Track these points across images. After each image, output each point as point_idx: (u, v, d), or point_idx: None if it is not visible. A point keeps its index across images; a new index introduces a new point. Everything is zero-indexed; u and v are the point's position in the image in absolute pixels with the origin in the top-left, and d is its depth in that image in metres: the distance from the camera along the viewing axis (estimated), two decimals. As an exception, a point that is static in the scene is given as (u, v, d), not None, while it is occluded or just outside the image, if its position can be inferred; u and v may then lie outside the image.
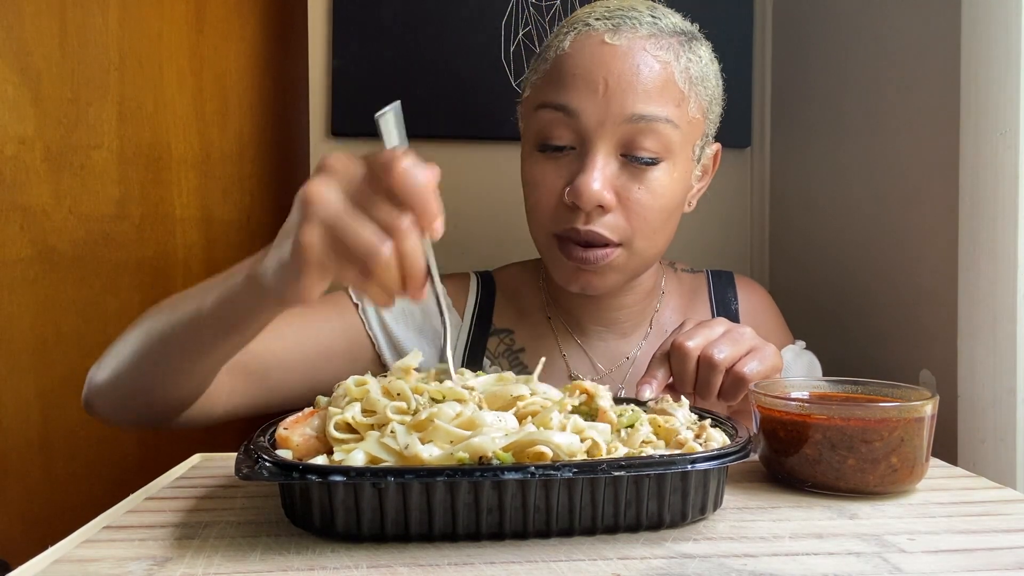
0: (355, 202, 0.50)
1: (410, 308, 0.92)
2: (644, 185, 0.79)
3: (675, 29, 0.81)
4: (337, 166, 0.52)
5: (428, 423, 0.51)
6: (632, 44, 0.78)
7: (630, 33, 0.78)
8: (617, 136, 0.78)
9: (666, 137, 0.78)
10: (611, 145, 0.78)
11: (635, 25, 0.79)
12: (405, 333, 0.91)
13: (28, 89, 1.15)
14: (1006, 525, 0.54)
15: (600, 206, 0.78)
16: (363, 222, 0.50)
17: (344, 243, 0.50)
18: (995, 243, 0.78)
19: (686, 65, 0.80)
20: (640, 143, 0.78)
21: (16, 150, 1.15)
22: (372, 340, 0.90)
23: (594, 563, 0.47)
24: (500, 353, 0.92)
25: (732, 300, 0.97)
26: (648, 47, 0.78)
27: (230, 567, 0.46)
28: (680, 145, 0.80)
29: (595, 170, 0.77)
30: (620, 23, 0.79)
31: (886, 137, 1.00)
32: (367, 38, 1.23)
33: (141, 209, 1.25)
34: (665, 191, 0.80)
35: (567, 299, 0.92)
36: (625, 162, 0.79)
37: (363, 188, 0.51)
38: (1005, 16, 0.77)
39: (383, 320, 0.90)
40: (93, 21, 1.21)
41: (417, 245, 0.51)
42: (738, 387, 0.71)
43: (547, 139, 0.80)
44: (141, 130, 1.25)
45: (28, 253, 1.16)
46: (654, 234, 0.81)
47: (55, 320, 1.18)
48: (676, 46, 0.80)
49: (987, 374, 0.80)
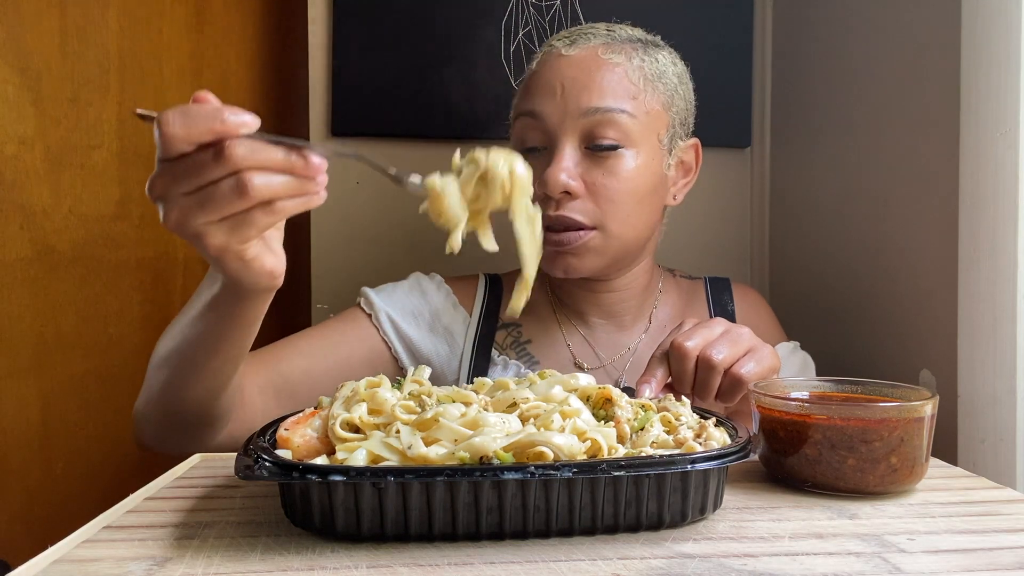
0: (184, 182, 0.50)
1: (420, 309, 0.96)
2: (607, 171, 0.86)
3: (630, 37, 0.91)
4: (153, 178, 0.51)
5: (433, 422, 0.52)
6: (585, 53, 0.88)
7: (584, 44, 0.89)
8: (578, 130, 0.86)
9: (624, 126, 0.86)
10: (574, 139, 0.86)
11: (590, 38, 0.89)
12: (418, 334, 0.95)
13: (28, 89, 1.15)
14: (1006, 525, 0.54)
15: (567, 192, 0.85)
16: (203, 189, 0.50)
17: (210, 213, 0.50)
18: (995, 243, 0.78)
19: (639, 64, 0.88)
20: (600, 132, 0.85)
21: (16, 150, 1.15)
22: (388, 344, 0.95)
23: (594, 563, 0.47)
24: (508, 345, 0.97)
25: (728, 302, 1.02)
26: (600, 52, 0.87)
27: (230, 567, 0.46)
28: (641, 134, 0.87)
29: (560, 161, 0.85)
30: (577, 39, 0.90)
31: (886, 137, 1.00)
32: (367, 38, 1.23)
33: (141, 209, 1.25)
34: (630, 175, 0.86)
35: (570, 294, 0.97)
36: (588, 152, 0.87)
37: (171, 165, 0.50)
38: (1005, 16, 0.77)
39: (396, 323, 0.94)
40: (93, 21, 1.20)
41: (250, 154, 0.49)
42: (736, 388, 0.72)
43: (523, 143, 0.90)
44: (141, 130, 1.25)
45: (28, 253, 1.16)
46: (627, 217, 0.88)
47: (55, 320, 1.18)
48: (629, 50, 0.88)
49: (987, 374, 0.80)
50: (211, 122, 0.48)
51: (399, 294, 0.97)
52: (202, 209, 0.50)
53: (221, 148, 0.49)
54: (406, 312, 0.95)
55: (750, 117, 1.33)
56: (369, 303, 0.95)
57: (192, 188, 0.50)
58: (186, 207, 0.51)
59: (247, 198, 0.50)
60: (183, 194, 0.51)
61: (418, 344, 0.95)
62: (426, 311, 0.97)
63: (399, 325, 0.94)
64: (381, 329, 0.94)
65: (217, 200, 0.50)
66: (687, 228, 1.29)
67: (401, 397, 0.57)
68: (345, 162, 1.36)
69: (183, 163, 0.50)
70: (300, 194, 0.52)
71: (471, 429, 0.51)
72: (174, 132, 0.48)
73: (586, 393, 0.59)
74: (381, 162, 0.57)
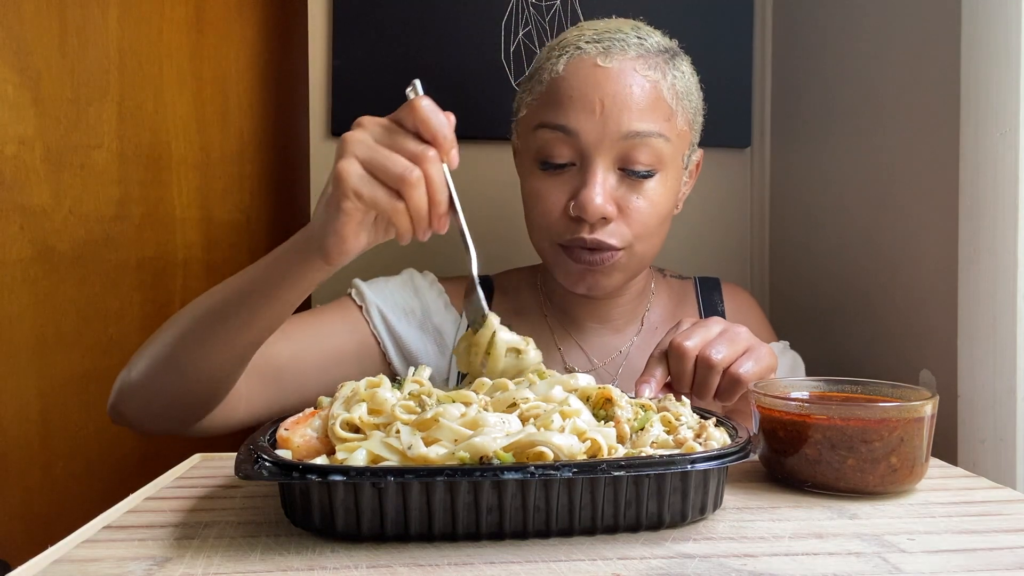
0: (385, 141, 0.61)
1: (411, 305, 0.95)
2: (642, 195, 0.84)
3: (660, 48, 0.87)
4: (366, 120, 0.63)
5: (433, 422, 0.52)
6: (623, 65, 0.83)
7: (620, 55, 0.84)
8: (614, 152, 0.83)
9: (659, 150, 0.84)
10: (609, 160, 0.83)
11: (624, 47, 0.84)
12: (408, 331, 0.94)
13: (28, 89, 1.15)
14: (1006, 525, 0.54)
15: (603, 217, 0.83)
16: (393, 153, 0.60)
17: (378, 170, 0.60)
18: (995, 243, 0.78)
19: (672, 81, 0.85)
20: (636, 157, 0.83)
21: (16, 150, 1.15)
22: (377, 339, 0.93)
23: (594, 563, 0.47)
24: None
25: (718, 303, 1.02)
26: (638, 67, 0.84)
27: (230, 567, 0.46)
28: (671, 156, 0.86)
29: (597, 185, 0.82)
30: (610, 46, 0.84)
31: (886, 137, 1.00)
32: (367, 38, 1.23)
33: (141, 209, 1.25)
34: (660, 199, 0.86)
35: (563, 299, 0.97)
36: (623, 175, 0.84)
37: (391, 127, 0.62)
38: (1005, 16, 0.77)
39: (386, 318, 0.93)
40: (93, 21, 1.20)
41: (441, 171, 0.62)
42: (734, 388, 0.72)
43: (548, 157, 0.85)
44: (141, 130, 1.25)
45: (28, 253, 1.16)
46: (651, 237, 0.87)
47: (55, 320, 1.18)
48: (662, 64, 0.85)
49: (987, 374, 0.80)
50: (443, 130, 0.62)
51: (390, 289, 0.95)
52: (384, 164, 0.60)
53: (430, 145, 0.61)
54: (397, 308, 0.94)
55: (750, 117, 1.33)
56: (360, 295, 0.93)
57: (393, 149, 0.61)
58: (373, 159, 0.60)
59: (412, 187, 0.60)
60: (382, 145, 0.61)
61: (407, 341, 0.93)
62: (418, 308, 0.95)
63: (389, 320, 0.93)
64: (371, 323, 0.92)
65: (384, 166, 0.60)
66: (686, 228, 1.29)
67: (401, 397, 0.57)
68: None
69: (399, 133, 0.62)
70: (419, 223, 0.62)
71: (471, 429, 0.51)
72: (426, 114, 0.61)
73: (586, 393, 0.59)
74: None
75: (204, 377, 0.73)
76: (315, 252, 0.63)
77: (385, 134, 0.62)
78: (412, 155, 0.60)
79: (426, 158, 0.60)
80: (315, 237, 0.63)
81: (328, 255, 0.63)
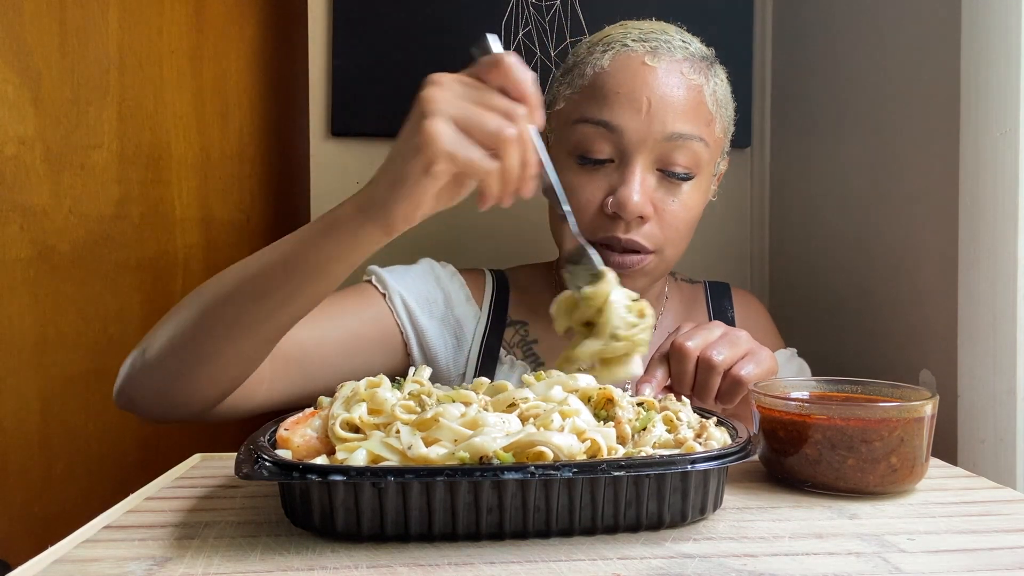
0: (473, 98, 0.58)
1: (433, 296, 0.93)
2: (678, 199, 0.85)
3: (703, 54, 0.87)
4: (443, 78, 0.59)
5: (433, 422, 0.51)
6: (670, 67, 0.83)
7: (667, 56, 0.84)
8: (656, 152, 0.83)
9: (698, 154, 0.84)
10: (649, 160, 0.83)
11: (670, 48, 0.84)
12: (429, 323, 0.91)
13: (28, 89, 1.15)
14: (1006, 525, 0.54)
15: (640, 217, 0.83)
16: (487, 111, 0.57)
17: (473, 128, 0.56)
18: (995, 243, 0.78)
19: (714, 88, 0.86)
20: (675, 159, 0.83)
21: (16, 150, 1.15)
22: (400, 329, 0.90)
23: (594, 563, 0.47)
24: (515, 343, 0.94)
25: (728, 308, 1.01)
26: (684, 70, 0.84)
27: (230, 567, 0.46)
28: (707, 162, 0.86)
29: (637, 183, 0.82)
30: (657, 46, 0.84)
31: (886, 137, 1.00)
32: (367, 38, 1.23)
33: (141, 209, 1.25)
34: (693, 203, 0.86)
35: None
36: (662, 176, 0.84)
37: (476, 85, 0.59)
38: (1005, 16, 0.77)
39: (409, 307, 0.90)
40: (93, 21, 1.20)
41: (532, 130, 0.59)
42: (735, 390, 0.73)
43: (587, 152, 0.84)
44: (141, 130, 1.25)
45: (28, 253, 1.16)
46: (681, 242, 0.88)
47: (55, 320, 1.18)
48: (705, 69, 0.86)
49: (987, 374, 0.80)
50: (532, 87, 0.59)
51: (412, 277, 0.93)
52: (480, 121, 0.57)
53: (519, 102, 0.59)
54: (420, 298, 0.91)
55: (750, 117, 1.33)
56: (382, 282, 0.91)
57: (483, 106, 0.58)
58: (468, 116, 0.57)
59: (511, 145, 0.57)
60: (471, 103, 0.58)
61: (428, 332, 0.91)
62: (439, 299, 0.93)
63: (412, 309, 0.90)
64: (395, 312, 0.90)
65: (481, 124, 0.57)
66: (687, 228, 1.29)
67: (401, 397, 0.57)
68: (345, 161, 1.36)
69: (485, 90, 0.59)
70: (510, 185, 0.59)
71: (471, 429, 0.51)
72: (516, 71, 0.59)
73: (587, 394, 0.59)
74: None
75: (231, 359, 0.69)
76: (376, 220, 0.60)
77: (471, 92, 0.58)
78: (504, 113, 0.57)
79: (519, 116, 0.58)
80: (378, 203, 0.59)
81: (392, 223, 0.60)
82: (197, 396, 0.72)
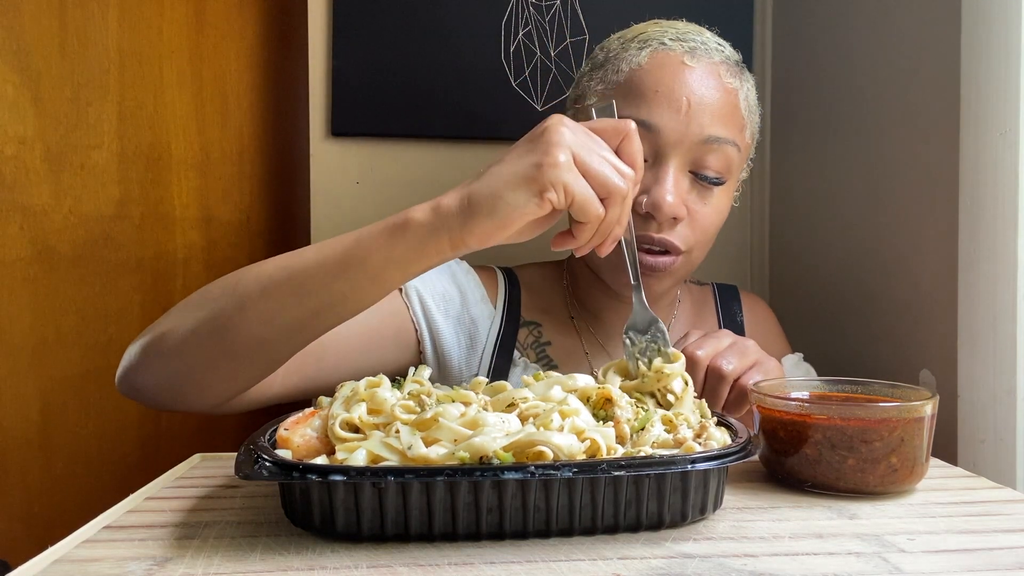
0: (596, 149, 0.61)
1: (450, 293, 0.90)
2: (709, 202, 0.84)
3: (736, 58, 0.87)
4: (570, 122, 0.61)
5: (433, 422, 0.51)
6: (708, 68, 0.83)
7: (705, 58, 0.83)
8: (691, 154, 0.82)
9: (730, 159, 0.83)
10: (683, 161, 0.82)
11: (707, 50, 0.84)
12: (444, 321, 0.89)
13: (28, 89, 1.15)
14: (1006, 525, 0.54)
15: (674, 217, 0.82)
16: (603, 160, 0.60)
17: (593, 174, 0.59)
18: (995, 243, 0.78)
19: (747, 93, 0.86)
20: (709, 163, 0.82)
21: (16, 150, 1.15)
22: (416, 325, 0.89)
23: (594, 563, 0.47)
24: (528, 344, 0.93)
25: (737, 312, 1.01)
26: (721, 72, 0.83)
27: (230, 567, 0.46)
28: (737, 167, 0.86)
29: (670, 183, 0.81)
30: (695, 47, 0.83)
31: (886, 137, 1.00)
32: (367, 38, 1.23)
33: (141, 209, 1.25)
34: (722, 207, 0.86)
35: (593, 301, 0.94)
36: (694, 179, 0.83)
37: (597, 139, 0.62)
38: (1005, 16, 0.77)
39: (425, 304, 0.88)
40: (93, 21, 1.21)
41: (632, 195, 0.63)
42: (743, 400, 0.73)
43: None
44: (141, 130, 1.25)
45: (28, 253, 1.16)
46: (706, 245, 0.87)
47: (55, 320, 1.18)
48: (739, 73, 0.86)
49: (987, 374, 0.80)
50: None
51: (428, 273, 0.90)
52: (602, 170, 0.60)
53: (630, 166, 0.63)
54: (436, 294, 0.89)
55: (750, 117, 1.33)
56: None
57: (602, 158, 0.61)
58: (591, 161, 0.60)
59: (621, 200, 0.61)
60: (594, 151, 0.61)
61: (441, 331, 0.88)
62: (456, 297, 0.90)
63: (428, 307, 0.88)
64: (411, 308, 0.88)
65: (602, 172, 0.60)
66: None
67: (401, 397, 0.57)
68: (345, 161, 1.36)
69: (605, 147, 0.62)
70: (601, 238, 0.63)
71: (471, 429, 0.51)
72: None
73: (586, 394, 0.59)
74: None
75: (259, 357, 0.66)
76: (451, 231, 0.59)
77: (592, 141, 0.61)
78: (620, 173, 0.61)
79: (629, 177, 0.61)
80: (461, 215, 0.58)
81: (466, 240, 0.59)
82: (214, 390, 0.69)
